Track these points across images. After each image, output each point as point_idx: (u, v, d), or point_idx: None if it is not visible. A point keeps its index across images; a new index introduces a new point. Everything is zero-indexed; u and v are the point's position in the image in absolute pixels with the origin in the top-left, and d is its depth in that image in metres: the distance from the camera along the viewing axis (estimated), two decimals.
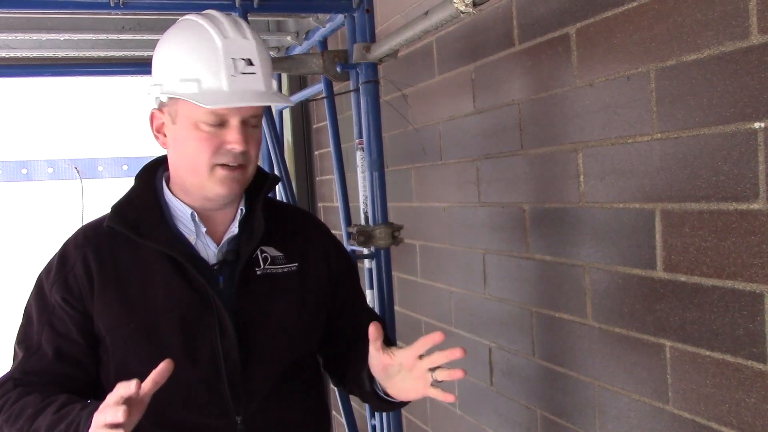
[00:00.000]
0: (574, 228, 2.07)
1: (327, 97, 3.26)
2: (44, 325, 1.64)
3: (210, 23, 1.61)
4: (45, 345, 1.62)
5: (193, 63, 1.58)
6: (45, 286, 1.66)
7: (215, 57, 1.57)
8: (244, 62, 1.59)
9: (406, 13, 3.02)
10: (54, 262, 1.68)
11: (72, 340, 1.62)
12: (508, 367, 2.53)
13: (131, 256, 1.65)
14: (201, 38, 1.59)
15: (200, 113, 1.56)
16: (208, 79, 1.56)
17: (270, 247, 1.73)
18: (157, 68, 1.64)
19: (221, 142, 1.59)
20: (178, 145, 1.63)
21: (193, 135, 1.59)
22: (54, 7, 2.75)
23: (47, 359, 1.62)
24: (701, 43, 1.59)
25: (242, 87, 1.58)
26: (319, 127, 4.52)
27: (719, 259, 1.59)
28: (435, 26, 2.03)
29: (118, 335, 1.62)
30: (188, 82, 1.57)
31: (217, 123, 1.58)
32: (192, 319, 1.61)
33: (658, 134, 1.73)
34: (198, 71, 1.57)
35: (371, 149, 2.65)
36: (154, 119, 1.67)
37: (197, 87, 1.56)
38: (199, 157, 1.59)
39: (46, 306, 1.65)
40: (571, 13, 2.00)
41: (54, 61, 3.47)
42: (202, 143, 1.58)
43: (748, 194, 1.51)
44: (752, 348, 1.53)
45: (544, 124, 2.18)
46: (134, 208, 1.68)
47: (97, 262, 1.64)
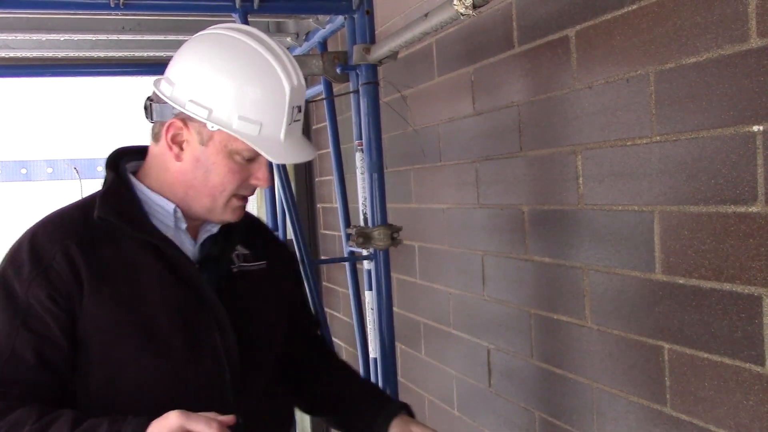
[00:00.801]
0: (573, 230, 2.08)
1: (327, 98, 3.27)
2: (18, 328, 1.45)
3: (278, 63, 1.53)
4: (21, 350, 1.44)
5: (261, 107, 1.51)
6: (15, 285, 1.47)
7: (282, 106, 1.52)
8: (297, 110, 1.57)
9: (405, 14, 3.03)
10: (24, 258, 1.49)
11: (54, 343, 1.47)
12: (506, 368, 2.53)
13: (115, 251, 1.54)
14: (271, 80, 1.52)
15: (242, 147, 1.51)
16: (269, 125, 1.52)
17: (239, 245, 1.73)
18: (204, 87, 1.51)
19: (248, 175, 1.56)
20: (200, 166, 1.55)
21: (224, 163, 1.53)
22: (54, 8, 2.75)
23: (26, 366, 1.45)
24: (700, 46, 1.59)
25: (294, 135, 1.57)
26: (319, 127, 4.53)
27: (718, 261, 1.60)
28: (435, 28, 2.03)
29: (111, 338, 1.50)
30: (249, 123, 1.50)
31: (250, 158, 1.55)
32: (191, 318, 1.57)
33: (657, 137, 1.73)
34: (262, 115, 1.51)
35: (371, 150, 2.66)
36: (173, 129, 1.54)
37: (257, 131, 1.50)
38: (224, 186, 1.55)
39: (17, 306, 1.46)
40: (571, 15, 2.00)
41: (54, 62, 3.47)
42: (233, 175, 1.55)
43: (746, 197, 1.51)
44: (750, 351, 1.53)
45: (543, 126, 2.18)
46: (120, 200, 1.58)
47: (84, 257, 1.49)
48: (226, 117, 1.50)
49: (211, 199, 1.58)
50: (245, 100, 1.50)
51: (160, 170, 1.60)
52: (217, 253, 1.66)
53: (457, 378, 2.93)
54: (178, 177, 1.58)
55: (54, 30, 3.04)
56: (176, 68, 1.56)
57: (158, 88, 1.56)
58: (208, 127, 1.50)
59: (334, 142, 3.32)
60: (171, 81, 1.54)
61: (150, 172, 1.62)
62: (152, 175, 1.62)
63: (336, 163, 3.33)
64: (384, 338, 2.70)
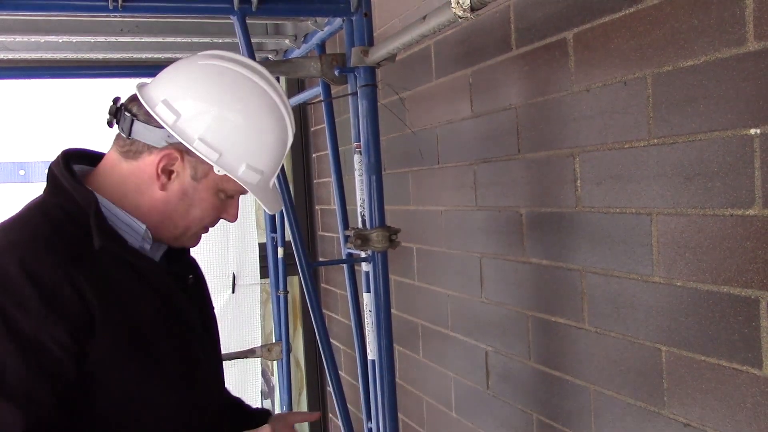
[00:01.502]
0: (571, 232, 2.08)
1: (325, 100, 3.27)
2: (33, 370, 1.29)
3: (284, 106, 1.54)
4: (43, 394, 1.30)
5: (268, 157, 1.53)
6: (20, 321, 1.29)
7: (282, 156, 1.57)
8: None
9: (404, 17, 3.03)
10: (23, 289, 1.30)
11: (70, 380, 1.34)
12: (504, 370, 2.53)
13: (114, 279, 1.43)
14: (280, 131, 1.54)
15: (230, 188, 1.53)
16: (268, 173, 1.55)
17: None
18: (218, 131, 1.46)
19: (222, 211, 1.59)
20: (187, 200, 1.51)
21: (209, 200, 1.53)
22: (52, 10, 2.75)
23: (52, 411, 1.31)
24: (698, 49, 1.60)
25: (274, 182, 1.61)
26: (317, 129, 4.53)
27: (715, 264, 1.60)
28: (433, 30, 2.03)
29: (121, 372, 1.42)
30: (254, 172, 1.50)
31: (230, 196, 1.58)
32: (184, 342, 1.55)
33: (654, 140, 1.74)
34: (266, 165, 1.53)
35: (369, 152, 2.66)
36: (166, 159, 1.47)
37: (258, 179, 1.52)
38: (201, 220, 1.56)
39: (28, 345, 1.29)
40: (568, 18, 2.01)
41: (52, 63, 3.47)
42: (214, 211, 1.57)
43: (743, 200, 1.51)
44: (748, 353, 1.54)
45: (541, 129, 2.18)
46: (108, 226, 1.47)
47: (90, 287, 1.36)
48: (236, 163, 1.48)
49: (185, 230, 1.57)
50: (259, 150, 1.50)
51: (130, 191, 1.51)
52: (178, 270, 1.65)
53: (455, 380, 2.93)
54: (157, 205, 1.51)
55: (52, 32, 3.04)
56: (180, 95, 1.47)
57: (154, 110, 1.46)
58: (214, 170, 1.47)
59: (332, 144, 3.32)
60: (175, 111, 1.45)
61: (112, 188, 1.51)
62: (118, 192, 1.51)
63: (334, 165, 3.33)
64: (382, 340, 2.70)
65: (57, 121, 5.41)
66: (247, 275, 4.79)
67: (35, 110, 5.31)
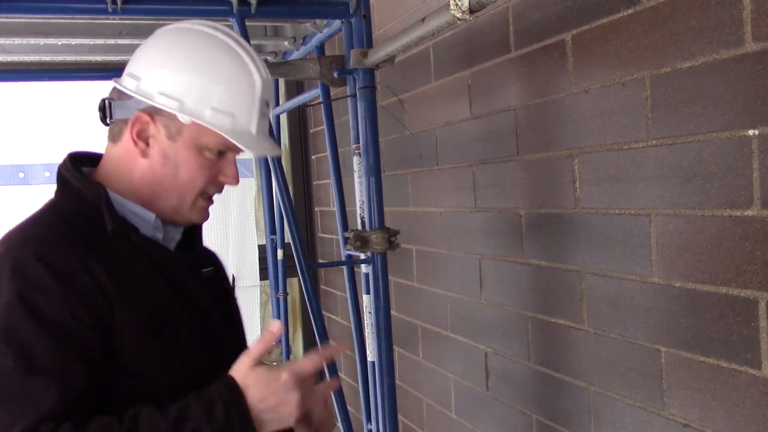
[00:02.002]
0: (570, 233, 2.08)
1: (324, 102, 3.27)
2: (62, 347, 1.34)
3: (248, 56, 1.53)
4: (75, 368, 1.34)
5: (233, 97, 1.50)
6: (42, 305, 1.35)
7: (253, 97, 1.52)
8: (266, 105, 1.57)
9: (402, 18, 3.03)
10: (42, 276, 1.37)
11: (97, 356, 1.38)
12: (503, 371, 2.53)
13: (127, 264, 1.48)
14: (243, 73, 1.52)
15: (212, 141, 1.50)
16: (241, 117, 1.51)
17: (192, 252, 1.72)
18: (174, 79, 1.49)
19: (217, 172, 1.54)
20: (168, 162, 1.52)
21: (194, 159, 1.51)
22: (51, 12, 2.75)
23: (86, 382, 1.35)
24: (696, 50, 1.60)
25: (263, 131, 1.56)
26: (316, 131, 4.53)
27: (714, 265, 1.60)
28: (432, 32, 2.04)
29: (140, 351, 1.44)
30: (222, 115, 1.49)
31: (218, 153, 1.53)
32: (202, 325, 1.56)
33: (653, 141, 1.74)
34: (235, 107, 1.50)
35: (368, 154, 2.66)
36: (138, 123, 1.50)
37: (230, 122, 1.49)
38: (194, 182, 1.53)
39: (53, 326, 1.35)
40: (567, 19, 2.01)
41: (51, 66, 3.47)
42: (202, 170, 1.52)
43: (742, 201, 1.52)
44: (747, 354, 1.54)
45: (540, 130, 2.19)
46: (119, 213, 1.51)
47: (105, 271, 1.41)
48: (198, 108, 1.48)
49: (180, 198, 1.55)
50: (217, 91, 1.49)
51: (123, 172, 1.54)
52: (192, 260, 1.65)
53: (455, 381, 2.93)
54: (145, 175, 1.53)
55: (51, 34, 3.05)
56: (141, 62, 1.53)
57: (121, 85, 1.51)
58: (179, 118, 1.47)
59: (332, 146, 3.33)
60: (135, 76, 1.51)
61: (112, 176, 1.55)
62: (115, 179, 1.55)
63: (333, 167, 3.33)
64: (382, 341, 2.70)
65: (56, 124, 5.40)
66: (247, 277, 4.80)
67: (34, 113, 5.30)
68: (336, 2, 2.76)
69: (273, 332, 1.40)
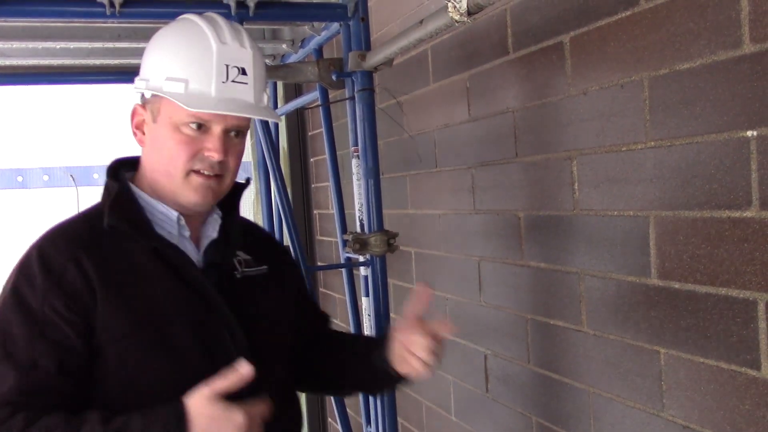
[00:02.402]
0: (569, 235, 2.08)
1: (322, 104, 3.27)
2: (36, 339, 1.45)
3: (208, 25, 1.57)
4: (42, 359, 1.44)
5: (183, 62, 1.54)
6: (28, 297, 1.47)
7: (208, 60, 1.54)
8: (237, 71, 1.56)
9: (401, 21, 3.04)
10: (33, 270, 1.49)
11: (72, 350, 1.46)
12: (503, 373, 2.53)
13: (124, 260, 1.55)
14: (196, 39, 1.56)
15: (183, 115, 1.53)
16: (196, 81, 1.53)
17: (240, 251, 1.73)
18: (146, 63, 1.62)
19: (200, 148, 1.55)
20: (155, 145, 1.58)
21: (172, 136, 1.55)
22: (50, 16, 2.75)
23: (47, 374, 1.44)
24: (694, 52, 1.60)
25: (231, 95, 1.55)
26: (315, 134, 4.53)
27: (713, 266, 1.60)
28: (430, 35, 2.04)
29: (126, 346, 1.50)
30: (175, 82, 1.53)
31: (198, 128, 1.54)
32: (202, 323, 1.58)
33: (651, 142, 1.74)
34: (187, 72, 1.53)
35: (366, 157, 2.66)
36: (135, 115, 1.62)
37: (183, 88, 1.52)
38: (175, 160, 1.55)
39: (34, 318, 1.46)
40: (565, 21, 2.01)
41: (49, 70, 3.46)
42: (180, 146, 1.54)
43: (740, 202, 1.52)
44: (746, 355, 1.54)
45: (538, 132, 2.19)
46: (127, 209, 1.59)
47: (95, 266, 1.50)
48: (158, 82, 1.55)
49: (169, 178, 1.57)
50: (170, 60, 1.56)
51: (144, 171, 1.64)
52: (219, 259, 1.66)
53: (455, 383, 2.93)
54: (147, 165, 1.62)
55: (50, 38, 3.04)
56: None
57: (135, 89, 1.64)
58: (145, 96, 1.58)
59: (330, 149, 3.33)
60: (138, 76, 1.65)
61: (139, 176, 1.65)
62: (140, 178, 1.65)
63: (332, 170, 3.33)
64: None
65: (54, 128, 5.40)
66: None
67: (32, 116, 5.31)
68: (334, 5, 2.76)
69: (241, 374, 1.40)
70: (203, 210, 1.66)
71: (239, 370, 1.41)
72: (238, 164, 1.64)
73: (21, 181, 5.35)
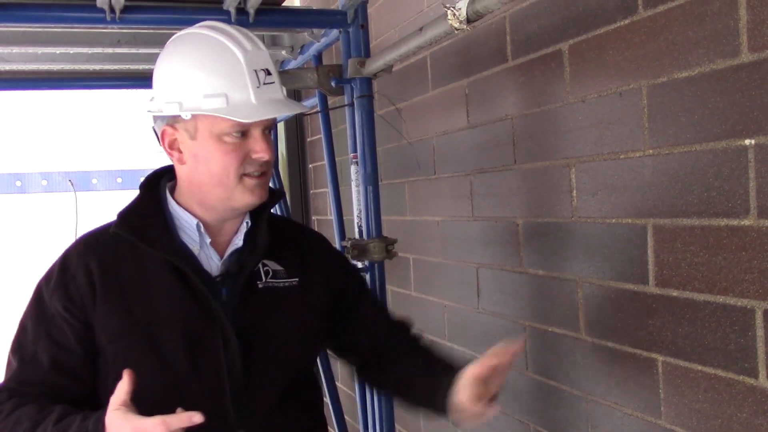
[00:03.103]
0: (567, 243, 2.08)
1: (321, 111, 3.28)
2: (41, 334, 1.60)
3: (225, 37, 1.60)
4: (41, 354, 1.59)
5: (218, 79, 1.57)
6: (44, 295, 1.63)
7: (239, 71, 1.57)
8: (264, 73, 1.61)
9: (400, 28, 3.04)
10: (54, 270, 1.64)
11: (70, 349, 1.59)
12: None
13: (134, 266, 1.63)
14: (221, 53, 1.59)
15: (225, 126, 1.56)
16: (235, 93, 1.56)
17: (272, 261, 1.73)
18: (170, 85, 1.60)
19: (247, 152, 1.59)
20: (200, 160, 1.61)
21: (217, 148, 1.58)
22: (50, 22, 2.75)
23: (43, 369, 1.59)
24: (692, 60, 1.61)
25: (267, 97, 1.60)
26: (313, 140, 4.54)
27: (711, 274, 1.60)
28: (429, 42, 2.04)
29: (119, 347, 1.59)
30: (214, 98, 1.55)
31: (240, 134, 1.58)
32: (195, 331, 1.60)
33: (650, 150, 1.75)
34: (224, 86, 1.56)
35: (365, 163, 2.66)
36: (166, 136, 1.63)
37: (225, 102, 1.55)
38: (227, 169, 1.59)
39: (44, 314, 1.61)
40: (564, 29, 2.02)
41: (49, 75, 3.47)
42: (229, 155, 1.58)
43: (739, 210, 1.52)
44: (744, 363, 1.54)
45: (537, 139, 2.19)
46: (140, 217, 1.67)
47: (100, 270, 1.61)
48: (195, 102, 1.56)
49: (222, 187, 1.62)
50: (202, 79, 1.57)
51: (182, 183, 1.69)
52: (236, 269, 1.67)
53: None
54: (191, 180, 1.65)
55: (49, 43, 3.05)
56: (153, 85, 1.66)
57: (148, 111, 1.65)
58: (183, 117, 1.57)
59: (329, 155, 3.33)
60: (152, 97, 1.65)
61: (179, 188, 1.71)
62: (179, 190, 1.70)
63: (331, 176, 3.33)
64: None
65: (53, 132, 5.40)
66: None
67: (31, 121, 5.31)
68: (334, 12, 2.77)
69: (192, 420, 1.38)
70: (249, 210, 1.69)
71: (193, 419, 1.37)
72: (274, 158, 1.68)
73: (20, 186, 5.35)
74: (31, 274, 1.80)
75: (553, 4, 2.06)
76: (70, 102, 5.08)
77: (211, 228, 1.69)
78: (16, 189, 5.32)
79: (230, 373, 1.61)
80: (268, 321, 1.68)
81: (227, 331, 1.61)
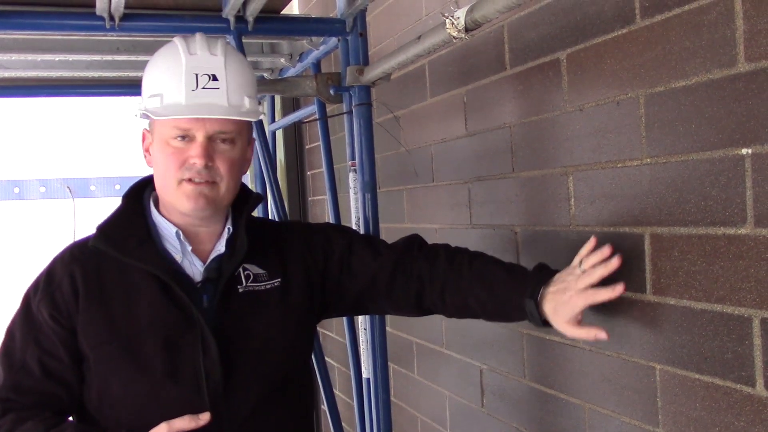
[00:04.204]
0: (565, 251, 2.09)
1: (320, 118, 3.28)
2: (29, 342, 1.63)
3: (182, 41, 1.66)
4: (30, 362, 1.62)
5: (158, 79, 1.63)
6: (32, 303, 1.66)
7: (177, 72, 1.61)
8: (207, 77, 1.62)
9: (399, 36, 3.05)
10: (41, 279, 1.68)
11: (58, 357, 1.63)
12: (499, 388, 2.53)
13: (117, 275, 1.66)
14: (168, 57, 1.66)
15: (167, 129, 1.61)
16: (169, 93, 1.61)
17: (253, 265, 1.75)
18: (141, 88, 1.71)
19: (186, 157, 1.62)
20: (155, 162, 1.68)
21: (162, 151, 1.64)
22: (49, 29, 2.76)
23: (34, 377, 1.62)
24: (690, 70, 1.61)
25: (202, 101, 1.61)
26: (312, 147, 4.54)
27: (708, 283, 1.61)
28: (427, 50, 2.05)
29: (101, 353, 1.62)
30: (154, 98, 1.62)
31: (182, 139, 1.61)
32: (175, 338, 1.63)
33: (647, 159, 1.75)
34: (161, 86, 1.62)
35: (364, 170, 2.67)
36: (144, 139, 1.73)
37: (160, 102, 1.61)
38: (167, 172, 1.64)
39: (32, 322, 1.64)
40: (562, 38, 2.02)
41: (48, 82, 3.48)
42: (169, 158, 1.63)
43: (736, 219, 1.53)
44: (741, 371, 1.54)
45: (535, 148, 2.20)
46: (119, 228, 1.70)
47: (83, 279, 1.65)
48: (144, 102, 1.65)
49: (166, 189, 1.67)
50: (149, 79, 1.66)
51: (156, 189, 1.74)
52: (215, 275, 1.67)
53: (450, 398, 2.92)
54: (156, 183, 1.71)
55: (49, 50, 3.05)
56: None
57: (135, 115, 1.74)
58: (137, 116, 1.68)
59: (327, 162, 3.34)
60: None
61: (157, 197, 1.75)
62: (158, 198, 1.75)
63: (329, 183, 3.34)
64: (377, 358, 2.70)
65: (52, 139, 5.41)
66: None
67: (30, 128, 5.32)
68: (332, 20, 2.78)
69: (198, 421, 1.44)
70: (206, 216, 1.68)
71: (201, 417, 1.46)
72: (232, 170, 1.67)
73: (18, 193, 5.34)
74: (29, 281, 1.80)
75: (551, 13, 2.06)
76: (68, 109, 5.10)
77: (193, 235, 1.71)
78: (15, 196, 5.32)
79: (209, 378, 1.62)
80: (248, 325, 1.69)
81: (206, 337, 1.62)
